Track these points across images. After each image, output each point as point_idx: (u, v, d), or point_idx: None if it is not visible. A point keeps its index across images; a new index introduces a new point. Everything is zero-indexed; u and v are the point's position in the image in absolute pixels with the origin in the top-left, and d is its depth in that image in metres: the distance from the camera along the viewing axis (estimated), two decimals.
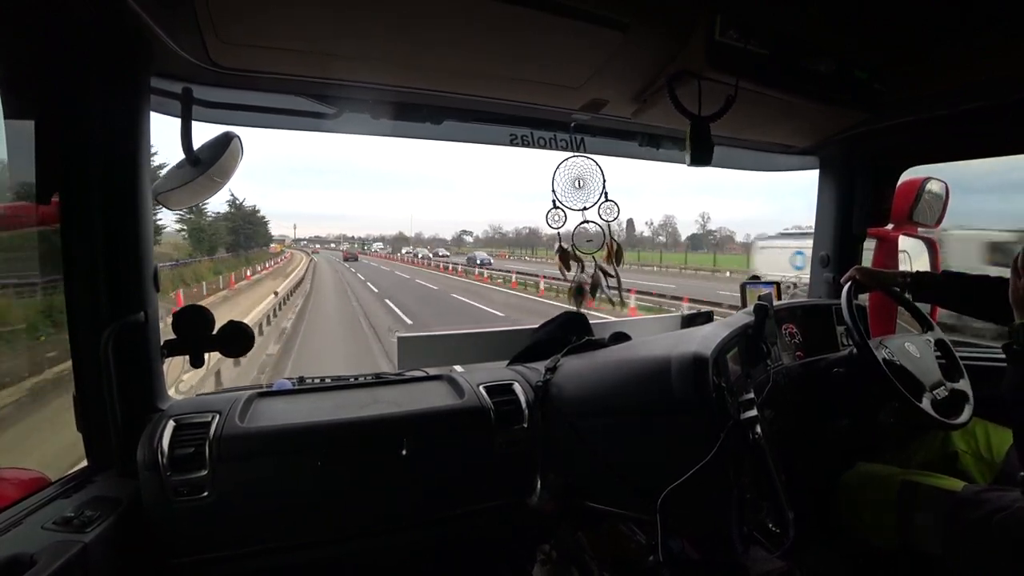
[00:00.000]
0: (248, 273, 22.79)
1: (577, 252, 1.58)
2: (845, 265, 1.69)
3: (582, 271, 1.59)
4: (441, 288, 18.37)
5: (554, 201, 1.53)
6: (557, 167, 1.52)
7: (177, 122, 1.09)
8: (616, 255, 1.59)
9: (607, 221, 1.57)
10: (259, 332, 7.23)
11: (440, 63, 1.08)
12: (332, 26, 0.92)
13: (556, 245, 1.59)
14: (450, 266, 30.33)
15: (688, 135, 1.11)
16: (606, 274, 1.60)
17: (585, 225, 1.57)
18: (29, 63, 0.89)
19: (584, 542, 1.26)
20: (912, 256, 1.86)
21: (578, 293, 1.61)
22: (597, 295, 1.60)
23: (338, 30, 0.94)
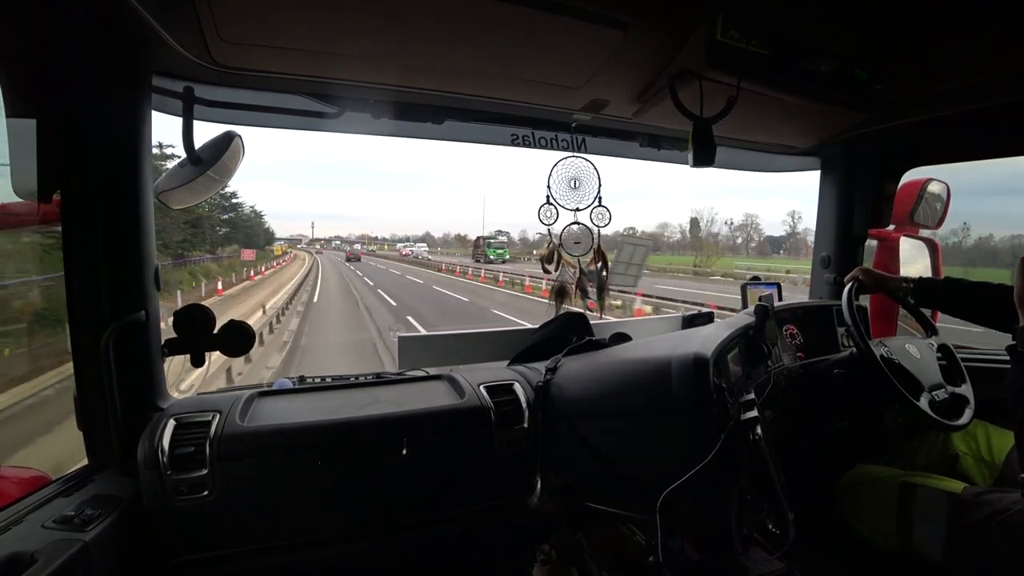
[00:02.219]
0: None
1: (562, 253, 1.60)
2: (846, 266, 1.69)
3: (557, 270, 1.62)
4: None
5: (548, 197, 1.53)
6: (555, 164, 1.53)
7: (179, 121, 1.09)
8: (602, 262, 1.61)
9: (598, 226, 1.58)
10: None
11: (441, 63, 1.08)
12: (333, 26, 0.92)
13: (547, 242, 1.60)
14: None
15: (691, 136, 1.11)
16: (587, 278, 1.62)
17: (574, 227, 1.58)
18: (31, 62, 0.89)
19: (584, 542, 1.26)
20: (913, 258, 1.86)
21: (560, 293, 1.64)
22: (582, 297, 1.63)
23: (339, 30, 0.94)
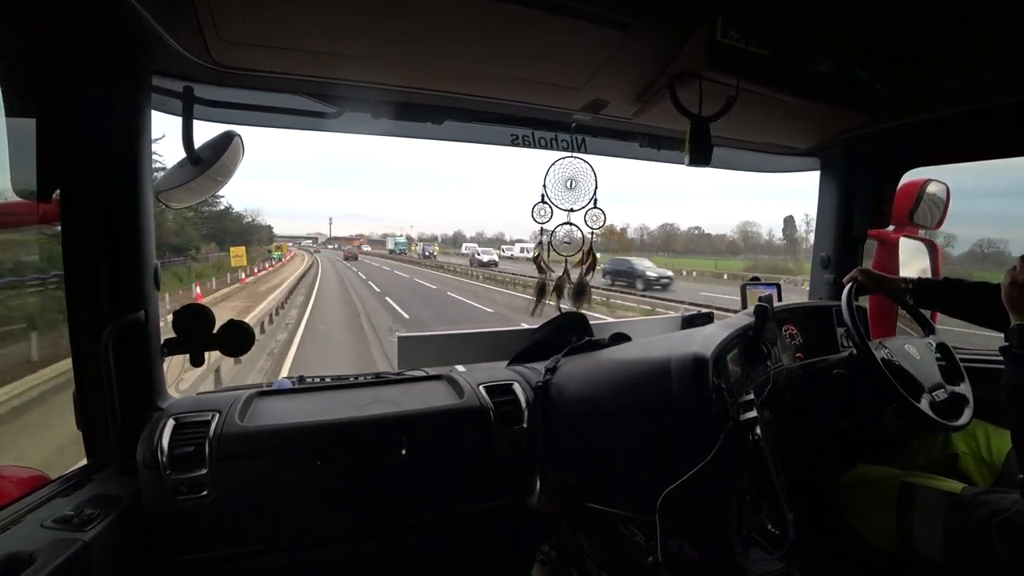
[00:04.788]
0: None
1: (546, 253, 1.62)
2: (846, 267, 1.69)
3: (541, 271, 1.64)
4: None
5: (543, 196, 1.54)
6: (552, 163, 1.54)
7: (178, 121, 1.09)
8: (590, 265, 1.63)
9: (591, 228, 1.59)
10: None
11: (440, 63, 1.08)
12: (333, 26, 0.92)
13: (538, 240, 1.62)
14: None
15: (687, 135, 1.11)
16: (568, 279, 1.64)
17: (567, 226, 1.59)
18: (31, 61, 0.89)
19: (583, 542, 1.26)
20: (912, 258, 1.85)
21: (540, 291, 1.66)
22: (558, 298, 1.65)
23: (339, 30, 0.94)
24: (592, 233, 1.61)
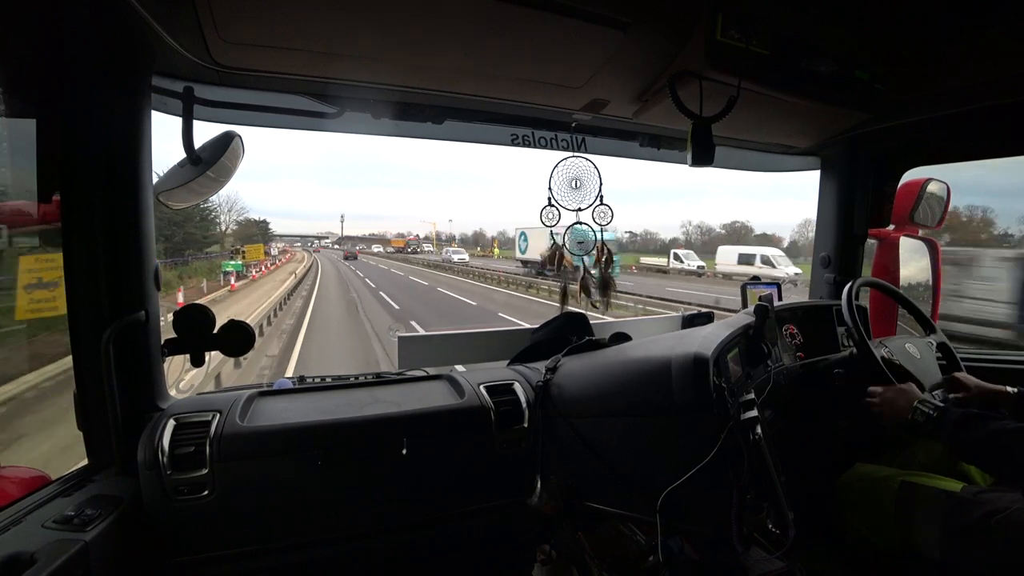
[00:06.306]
0: None
1: (564, 253, 1.61)
2: (846, 266, 1.69)
3: (557, 272, 1.63)
4: None
5: (549, 199, 1.54)
6: (556, 165, 1.54)
7: (178, 121, 1.09)
8: (606, 261, 1.62)
9: (600, 225, 1.58)
10: None
11: (441, 63, 1.08)
12: (333, 26, 0.92)
13: (550, 243, 1.61)
14: None
15: (689, 136, 1.11)
16: (591, 278, 1.62)
17: (578, 226, 1.59)
18: (31, 62, 0.89)
19: (584, 542, 1.26)
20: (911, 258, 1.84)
21: (563, 294, 1.65)
22: (587, 296, 1.63)
23: (339, 30, 0.94)
24: (602, 229, 1.60)
